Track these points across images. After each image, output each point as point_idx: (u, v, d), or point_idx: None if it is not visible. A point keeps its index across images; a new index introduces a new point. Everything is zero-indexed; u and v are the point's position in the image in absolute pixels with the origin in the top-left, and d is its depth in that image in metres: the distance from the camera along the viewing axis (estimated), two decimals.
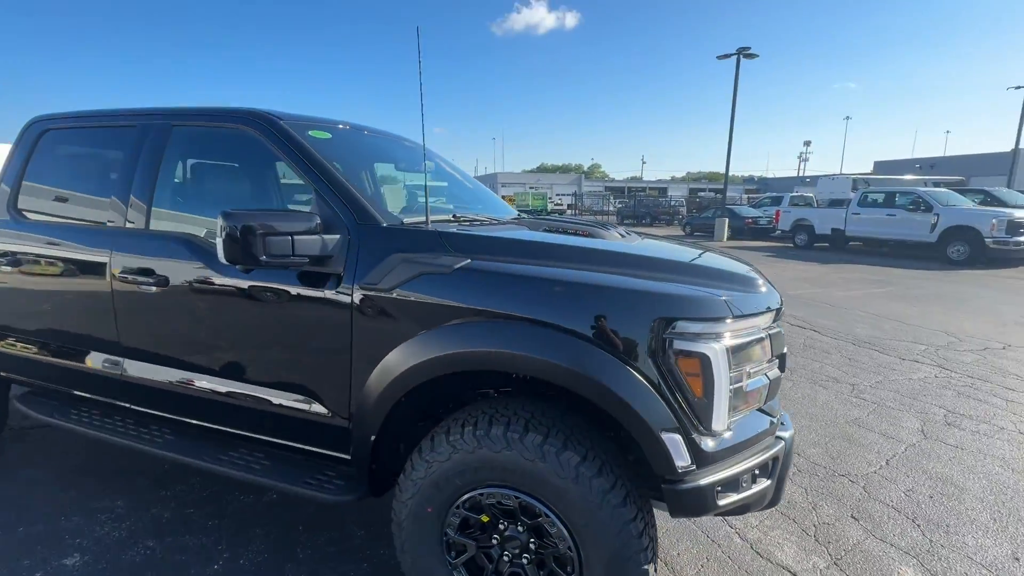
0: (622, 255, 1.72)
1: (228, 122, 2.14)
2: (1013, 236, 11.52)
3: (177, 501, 2.57)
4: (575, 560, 1.50)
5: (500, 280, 1.56)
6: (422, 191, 2.10)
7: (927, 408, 3.87)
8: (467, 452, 1.55)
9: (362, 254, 1.76)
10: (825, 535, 2.39)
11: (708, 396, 1.45)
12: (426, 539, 1.67)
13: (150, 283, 2.05)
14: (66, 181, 2.55)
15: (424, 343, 1.59)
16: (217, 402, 2.07)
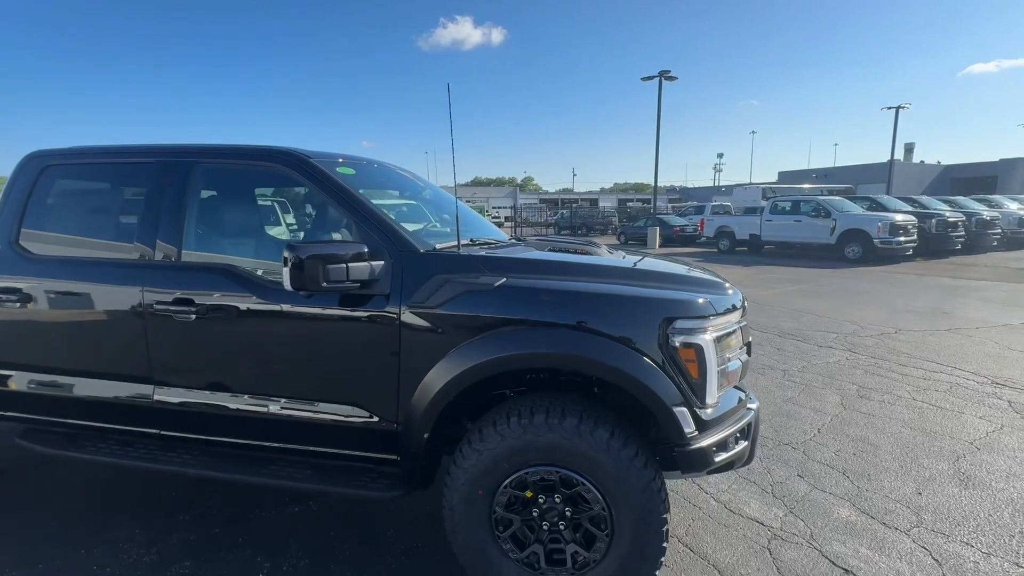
0: (625, 269, 2.12)
1: (260, 160, 2.33)
2: (895, 237, 13.44)
3: (198, 524, 2.63)
4: (608, 518, 1.85)
5: (537, 294, 1.90)
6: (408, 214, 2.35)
7: (843, 385, 4.62)
8: (514, 438, 1.86)
9: (406, 277, 2.03)
10: (780, 491, 2.91)
11: (702, 377, 1.86)
12: (477, 519, 1.95)
13: (189, 312, 2.18)
14: (75, 217, 2.58)
15: (474, 350, 1.88)
16: (259, 419, 2.22)
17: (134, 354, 2.30)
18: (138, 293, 2.25)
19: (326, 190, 2.21)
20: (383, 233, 2.10)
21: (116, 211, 2.61)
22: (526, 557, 1.95)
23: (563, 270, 2.09)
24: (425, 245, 2.16)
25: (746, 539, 2.49)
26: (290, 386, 2.18)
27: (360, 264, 1.96)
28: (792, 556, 2.36)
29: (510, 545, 1.96)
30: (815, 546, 2.42)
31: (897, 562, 2.31)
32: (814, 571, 2.26)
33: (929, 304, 8.26)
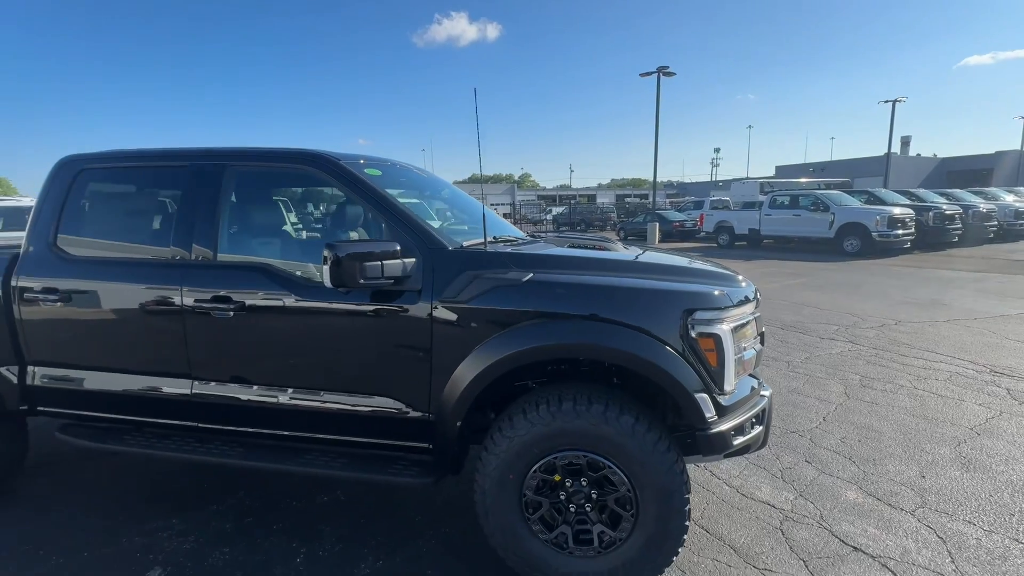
0: (645, 264, 2.23)
1: (289, 162, 2.42)
2: (893, 230, 13.58)
3: (232, 513, 2.74)
4: (633, 499, 1.96)
5: (565, 289, 2.00)
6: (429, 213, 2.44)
7: (846, 375, 4.74)
8: (544, 425, 1.96)
9: (437, 273, 2.13)
10: (789, 476, 3.02)
11: (721, 365, 1.97)
12: (508, 502, 2.06)
13: (227, 310, 2.28)
14: (110, 219, 2.67)
15: (508, 341, 1.98)
16: (294, 411, 2.32)
17: (173, 350, 2.39)
18: (177, 292, 2.34)
19: (357, 191, 2.31)
20: (413, 232, 2.20)
21: (150, 213, 2.70)
22: (555, 537, 2.06)
23: (587, 265, 2.20)
24: (453, 243, 2.26)
25: (759, 521, 2.60)
26: (325, 379, 2.28)
27: (393, 262, 2.06)
28: (804, 535, 2.47)
29: (539, 526, 2.07)
30: (825, 526, 2.54)
31: (904, 539, 2.43)
32: (825, 549, 2.37)
33: (928, 296, 8.39)
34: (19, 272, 2.55)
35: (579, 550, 2.04)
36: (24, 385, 2.62)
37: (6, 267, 2.57)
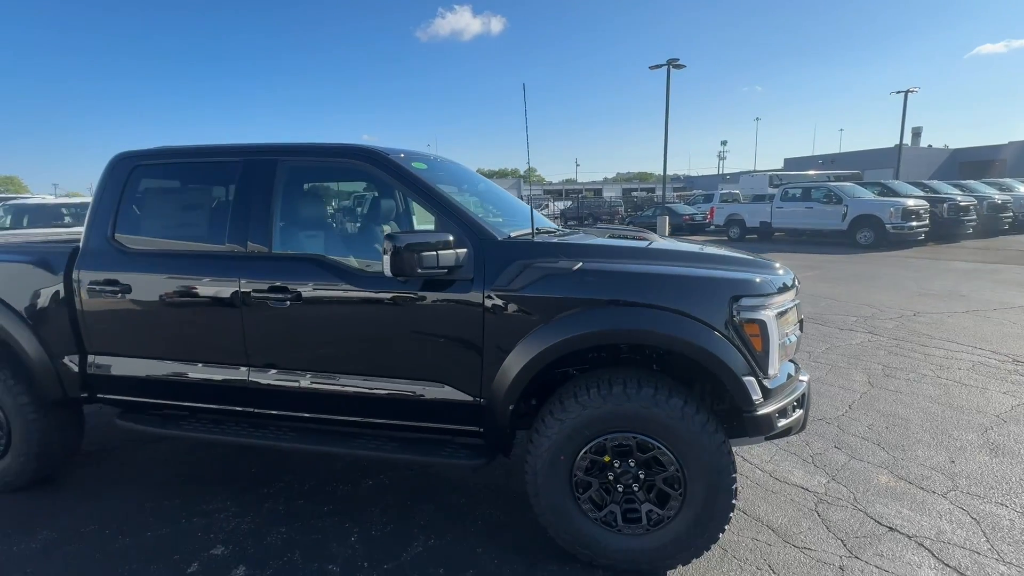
0: (688, 253, 2.30)
1: (340, 157, 2.51)
2: (907, 222, 13.51)
3: (282, 496, 2.85)
4: (681, 478, 2.04)
5: (615, 277, 2.08)
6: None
7: (868, 365, 4.78)
8: (595, 407, 2.04)
9: (488, 263, 2.21)
10: (820, 461, 3.09)
11: (765, 350, 2.04)
12: (559, 482, 2.14)
13: (284, 299, 2.37)
14: (165, 213, 2.76)
15: (560, 327, 2.06)
16: (348, 397, 2.41)
17: (230, 339, 2.49)
18: (235, 283, 2.43)
19: (408, 184, 2.39)
20: (464, 223, 2.28)
21: (204, 207, 2.79)
22: (604, 516, 2.14)
23: (632, 255, 2.27)
24: (501, 233, 2.34)
25: (794, 503, 2.68)
26: (379, 366, 2.37)
27: (448, 252, 2.14)
28: (839, 517, 2.55)
29: (589, 506, 2.15)
30: (859, 508, 2.61)
31: (938, 520, 2.50)
32: (861, 529, 2.45)
33: (944, 287, 8.38)
34: (79, 266, 2.66)
35: (628, 528, 2.13)
36: (84, 373, 2.73)
37: (67, 261, 2.67)
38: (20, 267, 2.72)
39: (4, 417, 2.80)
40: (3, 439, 2.83)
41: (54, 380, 2.74)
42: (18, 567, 2.31)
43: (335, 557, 2.34)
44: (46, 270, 2.68)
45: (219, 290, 2.47)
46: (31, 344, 2.70)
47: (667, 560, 2.12)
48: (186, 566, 2.30)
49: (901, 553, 2.28)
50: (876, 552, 2.29)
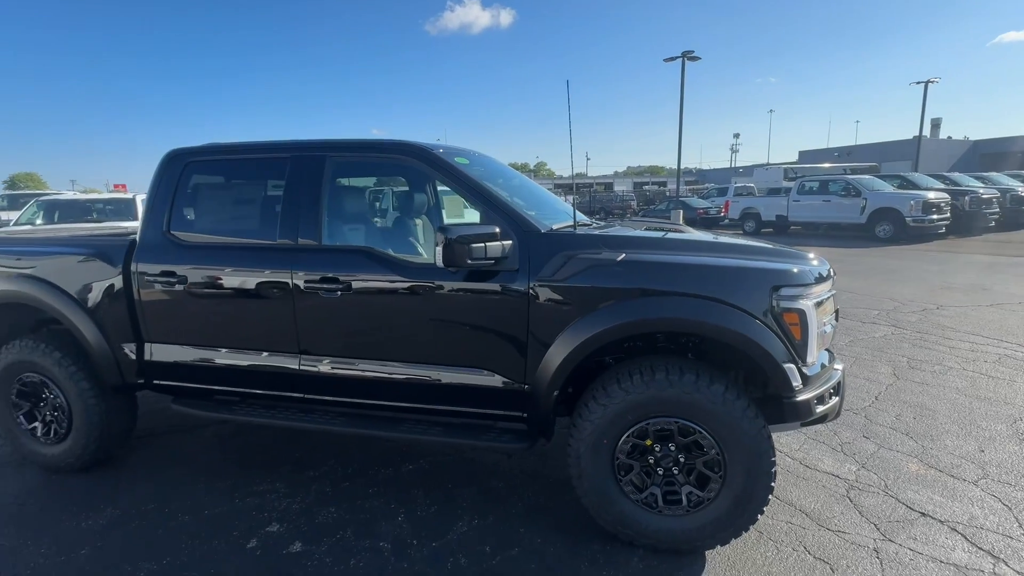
0: (726, 244, 2.36)
1: (387, 153, 2.60)
2: (928, 215, 13.34)
3: (328, 479, 2.97)
4: (721, 461, 2.11)
5: (658, 267, 2.15)
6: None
7: (893, 357, 4.80)
8: (639, 393, 2.12)
9: (532, 254, 2.29)
10: (849, 450, 3.15)
11: (804, 338, 2.10)
12: (602, 465, 2.23)
13: (335, 290, 2.48)
14: (217, 207, 2.88)
15: (605, 315, 2.14)
16: (396, 383, 2.51)
17: (283, 328, 2.60)
18: (287, 275, 2.54)
19: (452, 178, 2.48)
20: (508, 216, 2.36)
21: (255, 201, 2.91)
22: (645, 498, 2.23)
23: (672, 246, 2.34)
24: (543, 226, 2.41)
25: (826, 489, 2.74)
26: (426, 353, 2.47)
27: (495, 243, 2.22)
28: (871, 502, 2.61)
29: (630, 487, 2.24)
30: (891, 494, 2.67)
31: (970, 506, 2.55)
32: (894, 514, 2.51)
33: (967, 281, 8.31)
34: (137, 258, 2.79)
35: (668, 509, 2.21)
36: (141, 361, 2.87)
37: (125, 254, 2.81)
38: (81, 259, 2.86)
39: (66, 402, 2.95)
40: (65, 423, 2.99)
41: (113, 367, 2.88)
42: (88, 541, 2.46)
43: (384, 535, 2.46)
44: (106, 262, 2.82)
45: (272, 281, 2.58)
46: (92, 332, 2.84)
47: (706, 540, 2.20)
48: (245, 541, 2.43)
49: (934, 537, 2.34)
50: (909, 536, 2.35)
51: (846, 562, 2.20)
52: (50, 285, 2.87)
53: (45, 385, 2.99)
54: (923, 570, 2.14)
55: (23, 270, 2.94)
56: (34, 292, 2.88)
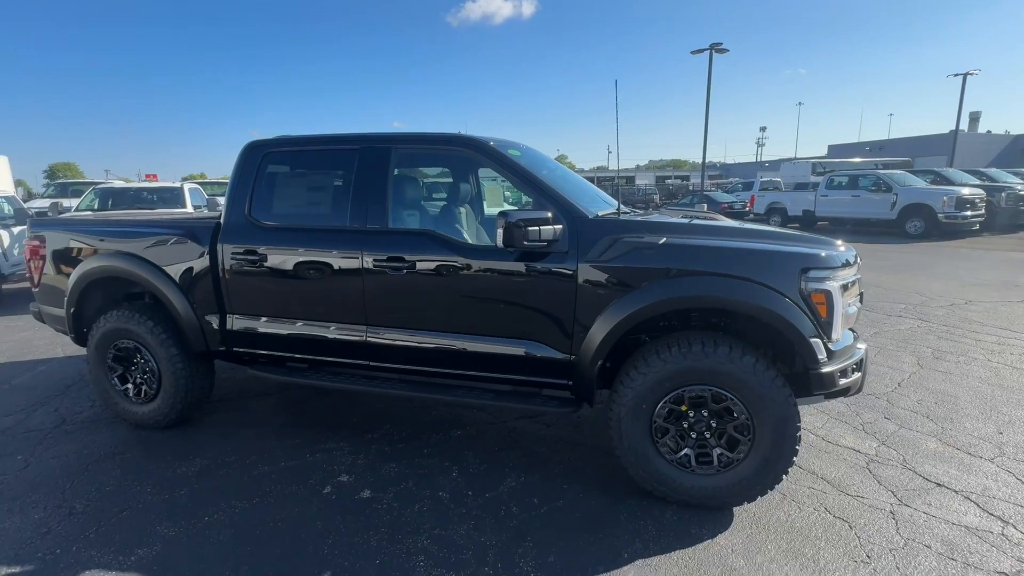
0: (758, 231, 2.57)
1: (447, 145, 2.88)
2: (961, 211, 13.10)
3: (385, 440, 3.29)
4: (751, 426, 2.35)
5: (698, 251, 2.38)
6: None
7: (918, 348, 4.92)
8: (676, 363, 2.37)
9: (580, 238, 2.54)
10: (871, 429, 3.33)
11: (830, 316, 2.32)
12: (640, 428, 2.48)
13: (400, 268, 2.77)
14: (294, 193, 3.20)
15: (647, 294, 2.38)
16: (454, 353, 2.80)
17: (352, 302, 2.92)
18: (358, 255, 2.85)
19: (508, 169, 2.74)
20: (558, 203, 2.62)
21: (327, 188, 3.22)
22: (679, 458, 2.48)
23: (709, 231, 2.56)
24: (590, 212, 2.66)
25: (847, 461, 2.95)
26: (482, 326, 2.74)
27: (548, 227, 2.48)
28: (890, 474, 2.81)
29: (666, 448, 2.49)
30: (909, 467, 2.86)
31: (984, 479, 2.73)
32: (911, 484, 2.70)
33: (999, 277, 8.24)
34: (222, 239, 3.13)
35: (700, 469, 2.46)
36: (224, 330, 3.22)
37: (212, 235, 3.15)
38: (174, 240, 3.22)
39: (157, 366, 3.33)
40: (155, 385, 3.37)
41: (199, 335, 3.24)
42: (185, 484, 2.82)
43: (442, 487, 2.76)
44: (195, 242, 3.17)
45: (344, 260, 2.89)
46: (181, 304, 3.20)
47: (734, 497, 2.44)
48: (321, 488, 2.76)
49: (948, 503, 2.53)
50: (924, 502, 2.55)
51: (863, 521, 2.41)
52: (146, 262, 3.23)
53: (138, 351, 3.37)
54: (935, 530, 2.34)
55: (122, 248, 3.32)
56: (132, 268, 3.25)
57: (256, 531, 2.42)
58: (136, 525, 2.47)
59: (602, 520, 2.46)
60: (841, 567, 2.13)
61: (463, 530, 2.40)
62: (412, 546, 2.30)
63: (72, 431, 3.49)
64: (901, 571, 2.10)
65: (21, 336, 5.96)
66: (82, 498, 2.71)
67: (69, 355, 5.20)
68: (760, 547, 2.26)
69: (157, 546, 2.32)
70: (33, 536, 2.41)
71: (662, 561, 2.18)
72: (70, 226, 3.57)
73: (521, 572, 2.13)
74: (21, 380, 4.50)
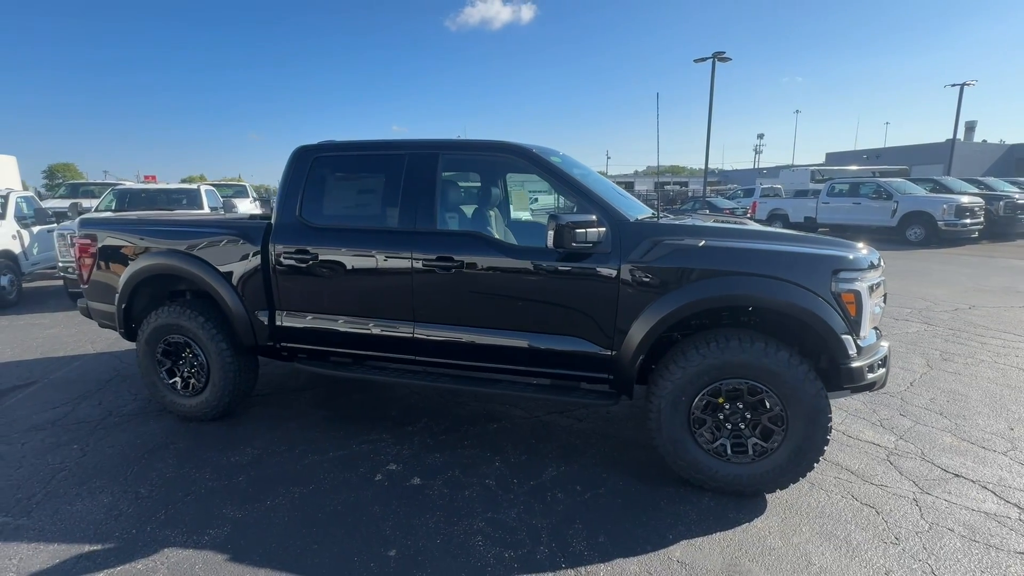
0: (788, 235, 2.74)
1: (493, 152, 3.04)
2: (960, 219, 13.35)
3: (426, 433, 3.44)
4: (784, 417, 2.51)
5: (736, 253, 2.55)
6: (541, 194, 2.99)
7: (926, 351, 5.09)
8: (715, 357, 2.53)
9: (623, 240, 2.70)
10: (887, 424, 3.50)
11: (859, 315, 2.49)
12: (679, 419, 2.64)
13: (449, 267, 2.93)
14: (342, 195, 3.36)
15: (687, 292, 2.55)
16: (499, 349, 2.95)
17: (401, 300, 3.06)
18: (407, 254, 3.00)
19: (551, 174, 2.91)
20: (601, 207, 2.78)
21: (375, 191, 3.37)
22: (715, 447, 2.63)
23: (742, 235, 2.73)
24: (631, 216, 2.83)
25: (867, 454, 3.11)
26: (527, 323, 2.90)
27: (593, 230, 2.64)
28: (910, 465, 2.97)
29: (703, 438, 2.65)
30: (927, 459, 3.03)
31: (999, 471, 2.89)
32: (930, 475, 2.87)
33: (1001, 284, 8.45)
34: (273, 239, 3.27)
35: (736, 458, 2.61)
36: (273, 326, 3.37)
37: (263, 235, 3.30)
38: (227, 239, 3.37)
39: (206, 360, 3.47)
40: (204, 378, 3.51)
41: (248, 330, 3.38)
42: (241, 471, 2.96)
43: (487, 475, 2.91)
44: (248, 241, 3.32)
45: (393, 260, 3.04)
46: (233, 300, 3.35)
47: (768, 484, 2.60)
48: (372, 476, 2.90)
49: (967, 492, 2.70)
50: (944, 491, 2.71)
51: (889, 507, 2.57)
52: (200, 260, 3.38)
53: (187, 345, 3.51)
54: (957, 515, 2.51)
55: (176, 247, 3.46)
56: (186, 266, 3.39)
57: (318, 514, 2.56)
58: (203, 508, 2.61)
59: (644, 505, 2.61)
60: (872, 547, 2.29)
61: (514, 514, 2.55)
62: (469, 528, 2.44)
63: (120, 423, 3.62)
64: (928, 551, 2.26)
65: (49, 333, 6.07)
66: (145, 484, 2.84)
67: (100, 351, 5.33)
68: (795, 529, 2.41)
69: (227, 527, 2.46)
70: (106, 518, 2.55)
71: (705, 542, 2.34)
72: (122, 226, 3.72)
73: (575, 551, 2.28)
74: (59, 375, 4.62)
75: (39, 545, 2.35)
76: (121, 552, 2.30)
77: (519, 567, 2.19)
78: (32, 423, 3.64)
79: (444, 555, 2.26)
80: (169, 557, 2.26)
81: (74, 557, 2.27)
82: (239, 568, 2.20)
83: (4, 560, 2.26)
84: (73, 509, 2.62)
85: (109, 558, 2.26)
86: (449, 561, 2.23)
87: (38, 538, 2.40)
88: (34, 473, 2.97)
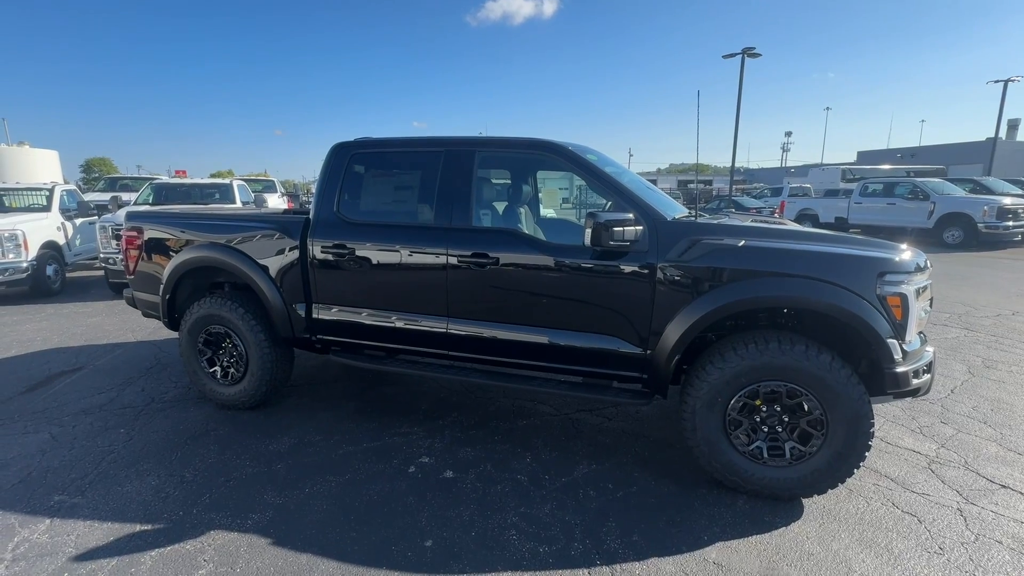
0: (830, 235, 2.69)
1: (529, 149, 3.05)
2: (1002, 221, 12.82)
3: (456, 427, 3.48)
4: (824, 421, 2.46)
5: (777, 253, 2.51)
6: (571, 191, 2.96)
7: (967, 357, 4.93)
8: (753, 359, 2.49)
9: (660, 239, 2.68)
10: (928, 432, 3.40)
11: (905, 319, 2.42)
12: (714, 420, 2.62)
13: (484, 264, 2.95)
14: (379, 191, 3.41)
15: (727, 293, 2.52)
16: (533, 345, 2.96)
17: (436, 296, 3.10)
18: (443, 250, 3.04)
19: (588, 172, 2.90)
20: (638, 205, 2.77)
21: (411, 187, 3.42)
22: (751, 450, 2.60)
23: (782, 235, 2.68)
24: (668, 215, 2.81)
25: (908, 462, 3.03)
26: (561, 320, 2.90)
27: (630, 228, 2.63)
28: (952, 474, 2.89)
29: (739, 441, 2.62)
30: (971, 469, 2.94)
31: None
32: (975, 485, 2.78)
33: None
34: (312, 234, 3.35)
35: (772, 461, 2.58)
36: (310, 318, 3.45)
37: (302, 229, 3.38)
38: (267, 234, 3.45)
39: (245, 350, 3.57)
40: (242, 368, 3.62)
41: (286, 322, 3.47)
42: (280, 459, 3.05)
43: (519, 470, 2.93)
44: (287, 236, 3.40)
45: (429, 256, 3.08)
46: (272, 293, 3.44)
47: (805, 489, 2.55)
48: (405, 467, 2.95)
49: (1015, 504, 2.61)
50: (990, 501, 2.63)
51: (932, 517, 2.51)
52: (242, 254, 3.48)
53: (228, 336, 3.62)
54: (1006, 527, 2.43)
55: (218, 241, 3.57)
56: (228, 259, 3.50)
57: (355, 503, 2.62)
58: (245, 493, 2.70)
59: (677, 505, 2.60)
60: (915, 557, 2.23)
61: (547, 509, 2.57)
62: (502, 521, 2.47)
63: (163, 409, 3.76)
64: (975, 563, 2.20)
65: (91, 321, 6.32)
66: (189, 468, 2.95)
67: (140, 340, 5.53)
68: (834, 536, 2.37)
69: (269, 512, 2.54)
70: (154, 499, 2.65)
71: (741, 544, 2.32)
72: (169, 219, 3.85)
73: (609, 548, 2.29)
74: (103, 362, 4.81)
75: (93, 523, 2.46)
76: (170, 532, 2.39)
77: (554, 562, 2.21)
78: (81, 407, 3.80)
79: (480, 547, 2.29)
80: (215, 539, 2.35)
81: (127, 536, 2.37)
82: (282, 552, 2.27)
83: (63, 536, 2.37)
84: (123, 490, 2.74)
85: (159, 538, 2.36)
86: (485, 553, 2.26)
87: (92, 516, 2.51)
88: (86, 454, 3.11)
